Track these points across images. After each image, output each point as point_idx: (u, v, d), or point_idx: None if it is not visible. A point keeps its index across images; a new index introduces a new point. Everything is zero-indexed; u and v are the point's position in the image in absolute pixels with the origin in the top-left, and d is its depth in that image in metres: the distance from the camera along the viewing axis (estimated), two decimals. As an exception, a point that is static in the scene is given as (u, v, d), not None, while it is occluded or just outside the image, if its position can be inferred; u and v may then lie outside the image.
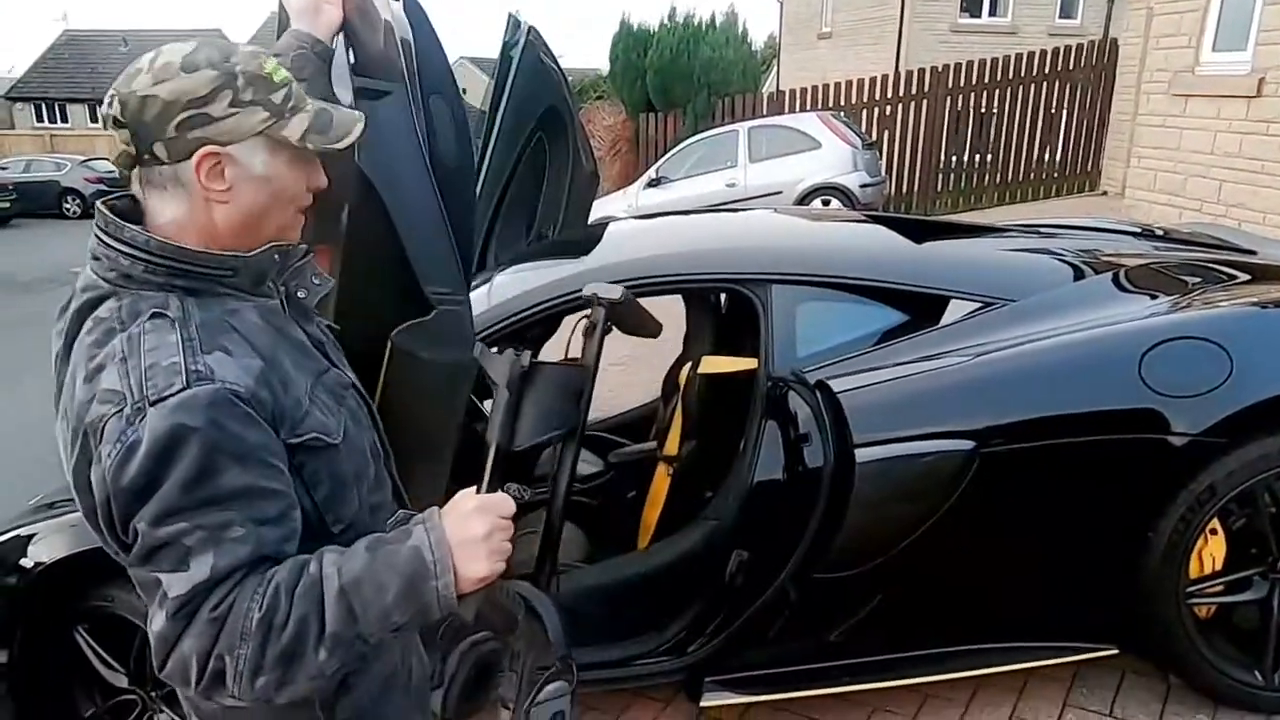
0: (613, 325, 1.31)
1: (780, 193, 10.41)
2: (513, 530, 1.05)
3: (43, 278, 13.26)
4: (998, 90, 12.13)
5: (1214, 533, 2.30)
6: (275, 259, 1.10)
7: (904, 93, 12.39)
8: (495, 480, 1.19)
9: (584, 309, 2.26)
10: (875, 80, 12.57)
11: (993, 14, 16.62)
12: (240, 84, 1.01)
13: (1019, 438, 2.24)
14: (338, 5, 1.50)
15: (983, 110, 12.26)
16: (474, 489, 1.08)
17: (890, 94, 12.43)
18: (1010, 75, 12.04)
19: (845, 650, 2.37)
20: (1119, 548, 2.29)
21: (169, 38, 1.07)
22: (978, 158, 12.50)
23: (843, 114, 11.71)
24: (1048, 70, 11.89)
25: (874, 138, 12.01)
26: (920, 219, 6.47)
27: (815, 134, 10.77)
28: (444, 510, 1.05)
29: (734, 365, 2.66)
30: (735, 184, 10.78)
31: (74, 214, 21.78)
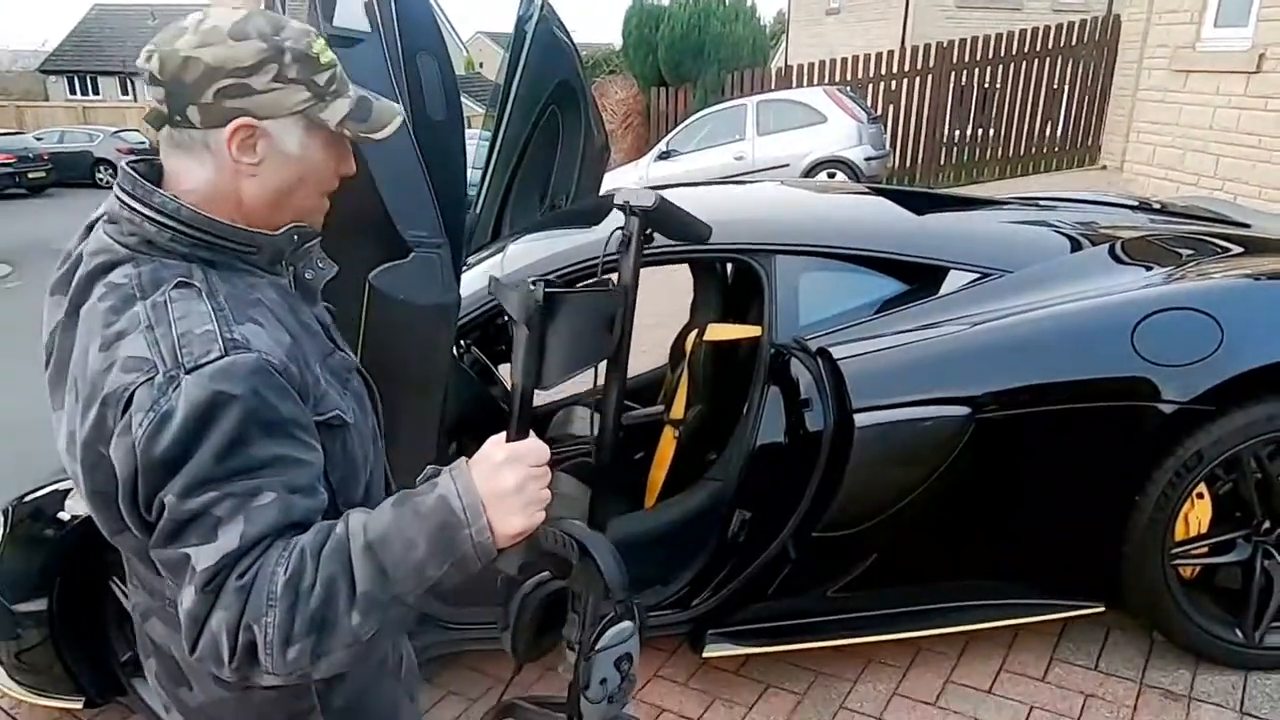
0: (653, 233, 1.24)
1: (787, 165, 10.32)
2: (549, 476, 0.97)
3: (77, 245, 13.33)
4: (1001, 66, 11.94)
5: (1200, 497, 2.30)
6: (294, 239, 1.05)
7: (909, 68, 12.21)
8: (523, 427, 1.10)
9: (593, 277, 2.25)
10: (881, 55, 12.39)
11: (998, -10, 16.32)
12: (287, 60, 0.96)
13: (1013, 404, 2.24)
14: None
15: (986, 85, 12.08)
16: (502, 437, 0.99)
17: (896, 69, 12.25)
18: (1014, 51, 11.85)
19: (842, 605, 2.40)
20: (1108, 510, 2.29)
21: (196, 11, 1.05)
22: (980, 132, 12.34)
23: (849, 89, 11.56)
24: (1051, 46, 11.70)
25: (879, 112, 11.86)
26: (921, 192, 6.41)
27: (822, 108, 10.66)
28: (472, 461, 0.96)
29: (739, 333, 2.66)
30: (743, 157, 10.68)
31: (106, 183, 21.73)
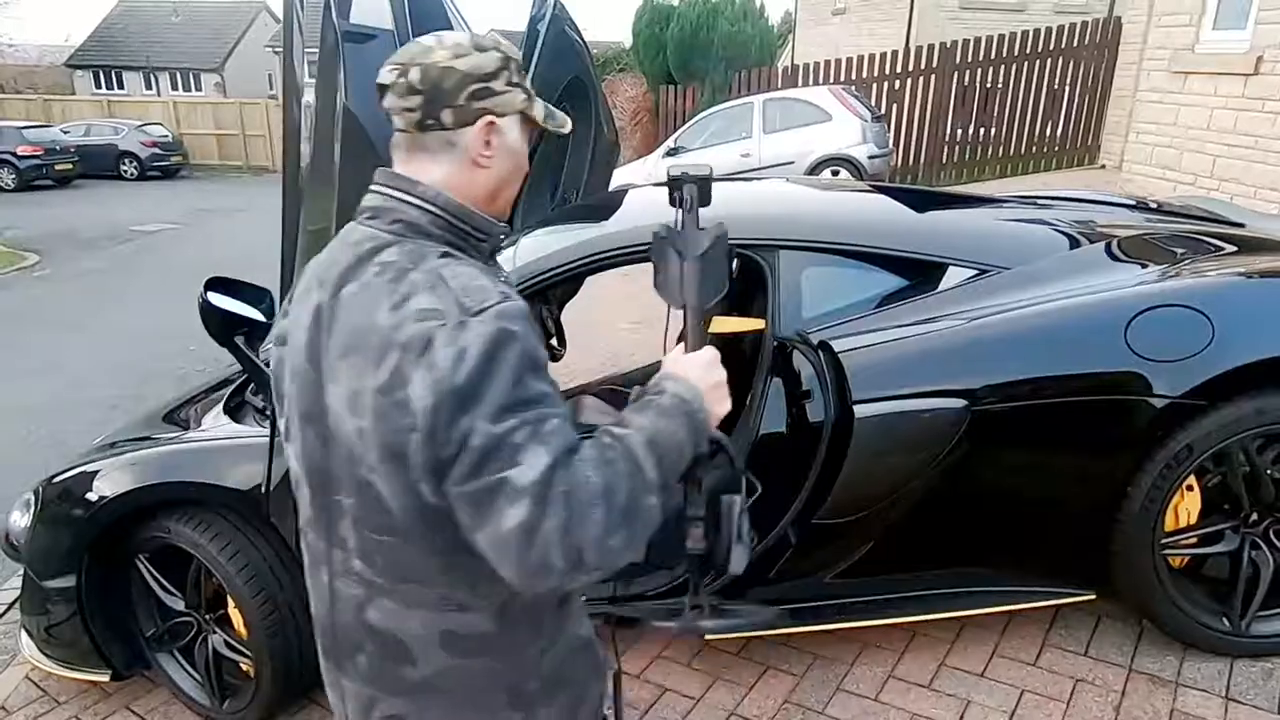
0: (708, 201, 1.41)
1: (792, 163, 10.28)
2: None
3: (103, 235, 13.38)
4: (1003, 66, 11.87)
5: (1190, 489, 2.30)
6: (504, 231, 1.18)
7: (913, 68, 12.15)
8: (700, 337, 1.30)
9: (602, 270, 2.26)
10: (885, 55, 12.33)
11: (1001, -9, 16.20)
12: (514, 67, 1.12)
13: (1009, 397, 2.24)
14: None
15: (988, 85, 12.01)
16: (692, 351, 1.21)
17: (900, 69, 12.19)
18: (1015, 52, 11.77)
19: (841, 590, 2.40)
20: (1100, 501, 2.29)
21: (217, 11, 1.09)
22: (982, 131, 12.27)
23: (853, 88, 11.51)
24: (1052, 47, 11.61)
25: (883, 111, 11.81)
26: (923, 190, 6.38)
27: (826, 107, 10.61)
28: (677, 365, 1.18)
29: (743, 325, 2.66)
30: (749, 154, 10.64)
31: (131, 175, 21.85)
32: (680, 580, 2.44)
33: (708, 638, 2.42)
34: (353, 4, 1.71)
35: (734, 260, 1.72)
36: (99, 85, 33.29)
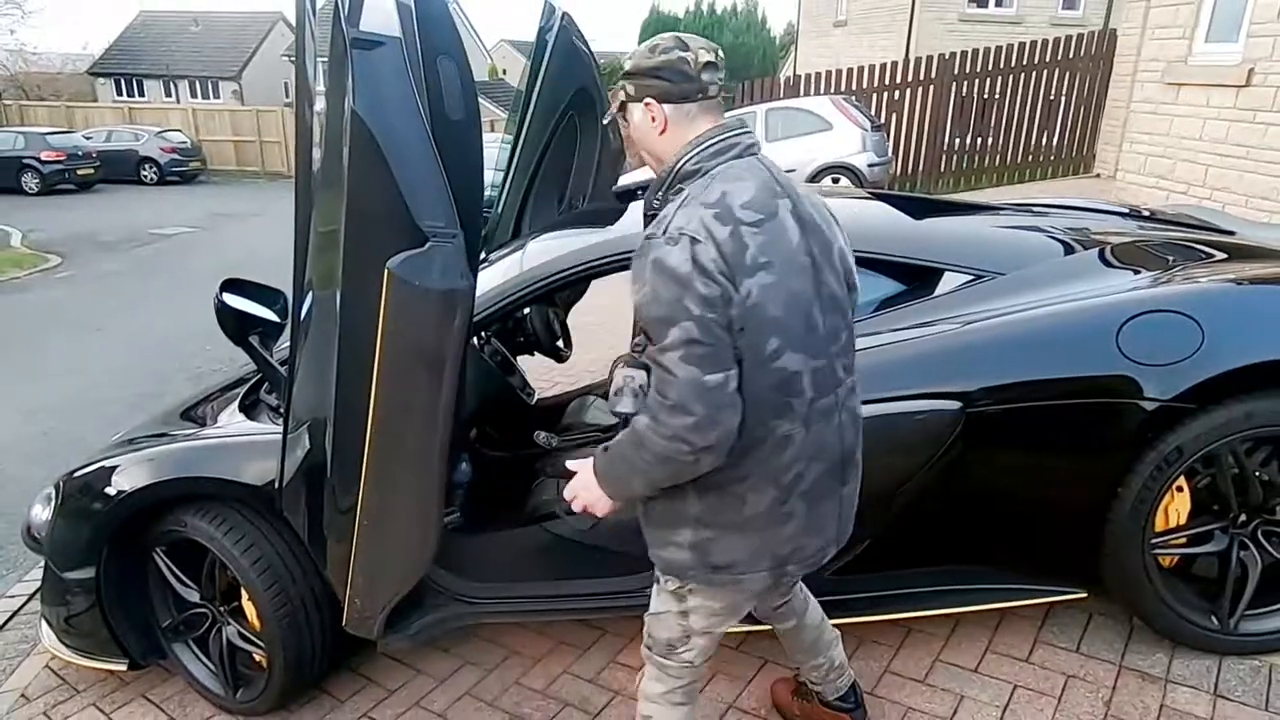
0: None
1: (794, 171, 10.24)
2: None
3: (123, 238, 13.44)
4: (1001, 77, 11.87)
5: (1180, 490, 2.30)
6: None
7: (912, 78, 12.14)
8: None
9: (608, 274, 2.27)
10: (885, 66, 12.32)
11: (999, 4, 16.22)
12: None
13: (1003, 400, 2.24)
14: None
15: (986, 96, 12.01)
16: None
17: (899, 79, 12.19)
18: (1013, 63, 11.77)
19: (836, 587, 2.40)
20: (1092, 502, 2.29)
21: (235, 21, 1.09)
22: (979, 140, 12.27)
23: (854, 98, 11.51)
24: (1049, 59, 11.61)
25: (882, 120, 11.81)
26: (921, 197, 6.37)
27: (827, 116, 10.62)
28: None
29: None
30: (752, 162, 10.64)
31: (151, 180, 21.94)
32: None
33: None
34: (363, 13, 1.72)
35: None
36: (120, 92, 33.41)
